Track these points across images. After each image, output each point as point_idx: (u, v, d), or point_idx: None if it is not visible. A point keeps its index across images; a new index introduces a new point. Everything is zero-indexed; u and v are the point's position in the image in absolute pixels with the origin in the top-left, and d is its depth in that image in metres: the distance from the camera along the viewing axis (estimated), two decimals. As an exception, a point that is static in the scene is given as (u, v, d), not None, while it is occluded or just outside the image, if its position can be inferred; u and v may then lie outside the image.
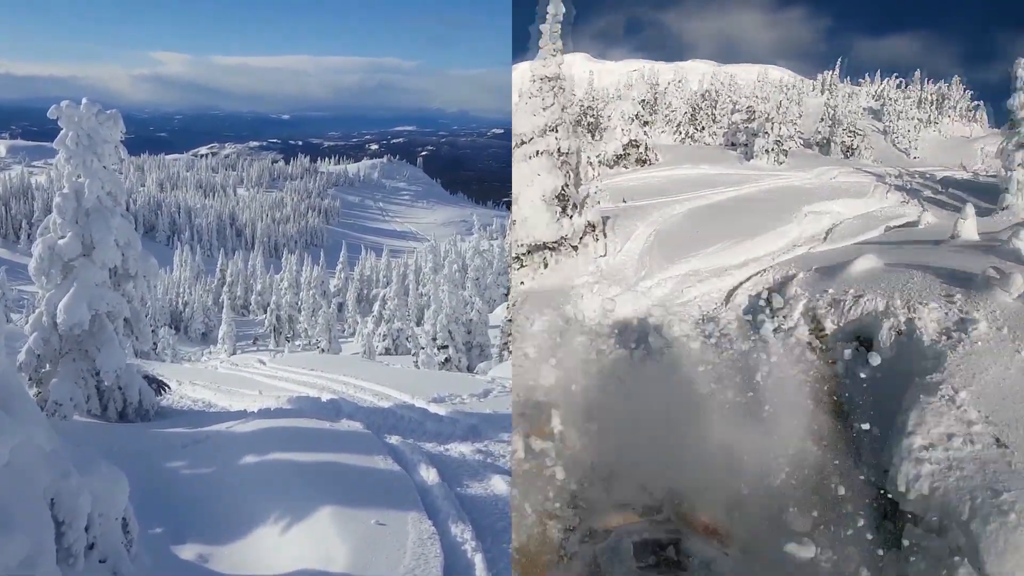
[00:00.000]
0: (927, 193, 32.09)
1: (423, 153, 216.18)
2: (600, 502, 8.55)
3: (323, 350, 46.62)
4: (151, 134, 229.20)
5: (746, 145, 40.67)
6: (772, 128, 40.21)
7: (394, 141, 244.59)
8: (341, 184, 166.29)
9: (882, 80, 76.17)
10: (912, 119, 61.16)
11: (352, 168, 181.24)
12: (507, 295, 44.23)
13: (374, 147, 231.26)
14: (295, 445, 9.30)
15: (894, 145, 58.43)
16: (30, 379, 12.76)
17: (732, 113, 47.29)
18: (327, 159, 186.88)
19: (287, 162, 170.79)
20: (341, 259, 74.18)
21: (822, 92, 68.51)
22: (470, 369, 32.45)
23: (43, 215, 17.21)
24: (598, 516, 8.35)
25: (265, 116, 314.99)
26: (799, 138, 43.70)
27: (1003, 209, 25.88)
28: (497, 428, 11.57)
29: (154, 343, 44.83)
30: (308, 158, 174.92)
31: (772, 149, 39.56)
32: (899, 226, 24.02)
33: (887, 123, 61.00)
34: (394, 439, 10.47)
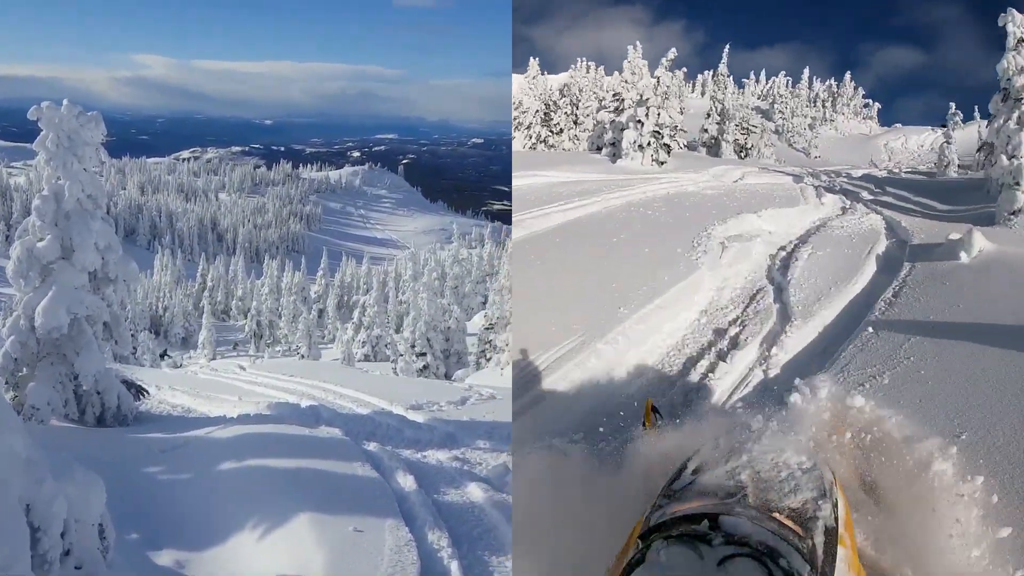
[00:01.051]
0: (865, 195, 24.61)
1: (404, 161, 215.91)
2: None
3: (303, 356, 46.39)
4: (133, 137, 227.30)
5: (614, 144, 29.21)
6: (648, 115, 28.08)
7: (376, 149, 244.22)
8: (323, 191, 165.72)
9: (767, 80, 69.81)
10: (806, 117, 56.41)
11: (334, 175, 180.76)
12: (485, 303, 44.17)
13: (356, 154, 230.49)
14: (274, 451, 9.24)
15: (790, 145, 52.71)
16: (7, 383, 12.56)
17: (598, 111, 35.74)
18: (309, 165, 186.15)
19: (269, 168, 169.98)
20: (322, 265, 73.66)
21: (702, 95, 61.66)
22: (448, 376, 32.40)
23: (22, 217, 17.00)
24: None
25: (248, 121, 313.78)
26: (681, 139, 31.88)
27: (1014, 214, 18.01)
28: (473, 436, 11.55)
29: (134, 347, 44.37)
30: (290, 164, 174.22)
31: (649, 143, 27.86)
32: (889, 252, 13.72)
33: (779, 123, 54.45)
34: (372, 446, 10.42)
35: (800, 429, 1.90)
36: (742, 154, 40.58)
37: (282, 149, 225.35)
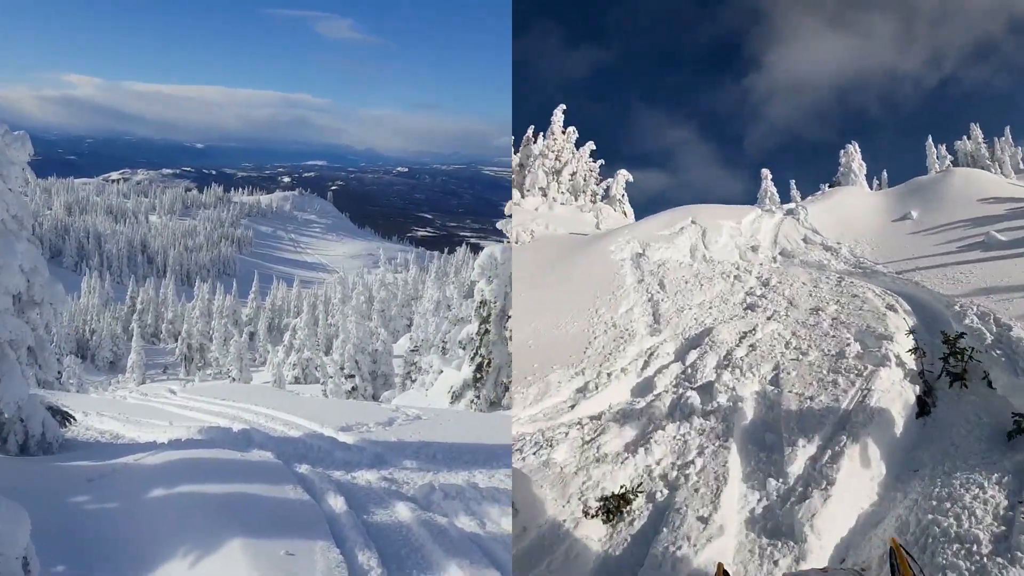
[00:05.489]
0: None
1: (333, 187, 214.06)
2: None
3: (234, 379, 45.17)
4: (60, 156, 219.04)
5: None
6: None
7: (305, 175, 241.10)
8: (254, 214, 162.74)
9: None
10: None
11: (265, 199, 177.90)
12: (410, 326, 43.92)
13: (286, 180, 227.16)
14: (205, 476, 8.98)
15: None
16: (-74, 410, 11.90)
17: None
18: (240, 189, 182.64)
19: (200, 191, 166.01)
20: (253, 289, 72.17)
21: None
22: (375, 398, 32.10)
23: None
24: None
25: (179, 144, 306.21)
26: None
27: None
28: (401, 456, 11.59)
29: (59, 372, 42.37)
30: (221, 188, 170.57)
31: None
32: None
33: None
34: (303, 468, 10.26)
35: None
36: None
37: (213, 172, 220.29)
